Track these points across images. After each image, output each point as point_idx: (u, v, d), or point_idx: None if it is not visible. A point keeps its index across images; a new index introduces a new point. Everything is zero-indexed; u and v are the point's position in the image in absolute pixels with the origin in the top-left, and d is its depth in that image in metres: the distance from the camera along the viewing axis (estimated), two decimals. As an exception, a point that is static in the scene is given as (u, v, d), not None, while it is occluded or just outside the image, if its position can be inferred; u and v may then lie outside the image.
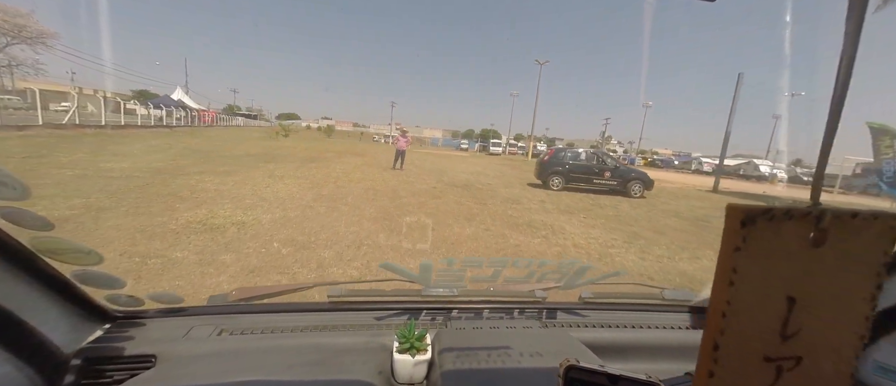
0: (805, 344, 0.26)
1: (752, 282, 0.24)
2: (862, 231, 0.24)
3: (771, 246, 0.24)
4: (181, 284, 2.82)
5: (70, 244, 0.74)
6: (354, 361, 0.81)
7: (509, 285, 1.18)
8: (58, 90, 28.46)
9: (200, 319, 0.98)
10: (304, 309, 1.09)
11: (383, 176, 10.54)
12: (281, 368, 0.77)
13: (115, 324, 0.90)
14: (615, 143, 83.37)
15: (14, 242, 0.66)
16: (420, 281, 1.10)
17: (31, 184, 0.63)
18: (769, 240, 0.24)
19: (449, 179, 10.75)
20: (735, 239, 0.23)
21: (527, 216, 6.60)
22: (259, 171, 9.01)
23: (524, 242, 4.93)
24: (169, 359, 0.82)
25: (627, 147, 74.53)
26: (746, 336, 0.25)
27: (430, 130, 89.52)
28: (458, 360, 0.81)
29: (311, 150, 16.36)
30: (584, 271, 1.15)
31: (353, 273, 3.30)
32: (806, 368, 0.26)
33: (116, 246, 3.39)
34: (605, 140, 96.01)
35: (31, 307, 0.70)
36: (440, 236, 4.81)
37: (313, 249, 3.80)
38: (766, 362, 0.26)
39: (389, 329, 0.97)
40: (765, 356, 0.26)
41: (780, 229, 0.24)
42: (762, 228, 0.23)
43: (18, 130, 12.16)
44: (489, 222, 5.83)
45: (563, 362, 0.47)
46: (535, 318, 1.12)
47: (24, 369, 0.65)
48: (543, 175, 11.30)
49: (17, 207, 0.63)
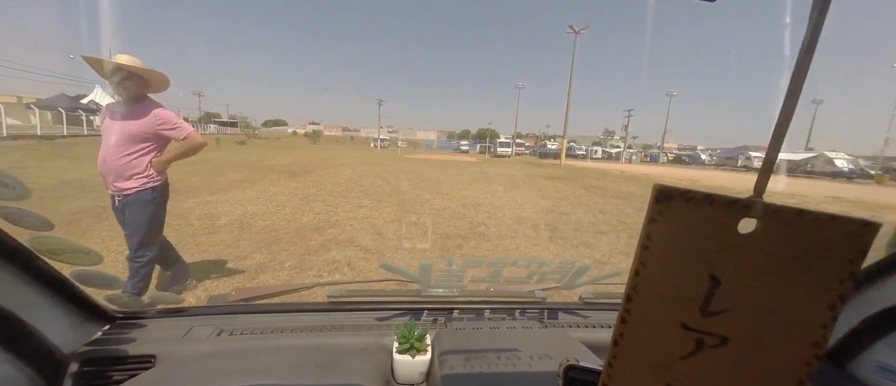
0: (735, 327, 0.27)
1: (666, 250, 0.27)
2: (814, 231, 0.25)
3: (689, 223, 0.26)
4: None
5: (70, 244, 0.73)
6: (354, 362, 0.80)
7: (509, 285, 1.16)
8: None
9: (200, 319, 0.97)
10: (304, 309, 1.08)
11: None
12: (281, 368, 0.77)
13: (115, 324, 0.90)
14: (617, 138, 79.01)
15: (14, 242, 0.66)
16: (420, 281, 1.07)
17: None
18: (687, 217, 0.26)
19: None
20: (652, 212, 0.27)
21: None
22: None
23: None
24: (168, 359, 0.81)
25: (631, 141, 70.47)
26: (660, 297, 0.28)
27: (424, 132, 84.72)
28: (458, 360, 0.81)
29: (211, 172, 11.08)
30: (584, 271, 1.10)
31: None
32: (732, 352, 0.28)
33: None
34: (607, 135, 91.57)
35: (30, 307, 0.70)
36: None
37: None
38: (684, 330, 0.28)
39: (389, 329, 0.96)
40: (682, 323, 0.28)
41: (699, 211, 0.26)
42: (679, 207, 0.26)
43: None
44: None
45: (563, 362, 0.48)
46: (535, 318, 1.10)
47: (23, 370, 0.65)
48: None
49: (16, 207, 0.63)
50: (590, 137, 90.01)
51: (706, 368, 0.29)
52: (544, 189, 9.94)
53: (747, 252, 0.26)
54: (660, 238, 0.27)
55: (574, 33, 28.40)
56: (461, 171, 14.23)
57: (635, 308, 0.29)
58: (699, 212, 0.26)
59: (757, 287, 0.26)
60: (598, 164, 29.40)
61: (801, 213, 0.25)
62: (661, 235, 0.27)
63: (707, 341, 0.28)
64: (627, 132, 54.62)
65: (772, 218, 0.25)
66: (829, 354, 0.86)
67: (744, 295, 0.27)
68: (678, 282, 0.27)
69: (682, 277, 0.27)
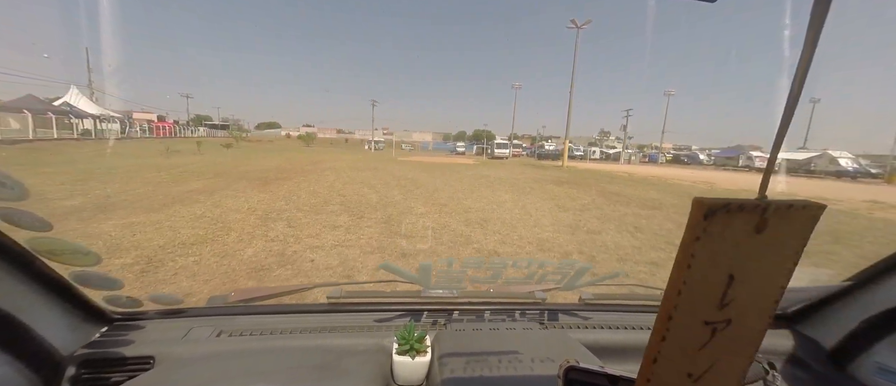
0: (735, 310, 0.30)
1: (704, 264, 0.27)
2: (793, 218, 0.28)
3: (723, 234, 0.27)
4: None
5: (69, 245, 0.72)
6: (354, 363, 0.80)
7: (509, 287, 1.15)
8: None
9: (199, 320, 0.97)
10: (304, 310, 1.07)
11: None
12: (280, 369, 0.77)
13: (114, 325, 0.90)
14: (614, 139, 78.19)
15: (12, 242, 0.66)
16: (420, 282, 1.04)
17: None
18: (722, 229, 0.27)
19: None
20: (696, 229, 0.26)
21: None
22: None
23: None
24: (167, 360, 0.81)
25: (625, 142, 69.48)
26: (694, 308, 0.29)
27: (420, 134, 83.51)
28: (458, 362, 0.81)
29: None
30: (584, 272, 1.07)
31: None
32: (733, 328, 0.30)
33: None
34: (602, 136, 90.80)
35: (29, 309, 0.70)
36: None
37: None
38: (705, 325, 0.30)
39: (389, 330, 0.96)
40: (704, 321, 0.30)
41: (732, 220, 0.26)
42: (720, 219, 0.26)
43: None
44: None
45: (563, 363, 0.48)
46: (535, 319, 1.10)
47: (22, 371, 0.65)
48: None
49: (15, 208, 0.62)
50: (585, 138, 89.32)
51: (715, 348, 0.30)
52: (557, 197, 8.61)
53: (757, 246, 0.27)
54: (702, 255, 0.27)
55: (576, 28, 27.18)
56: (459, 176, 12.87)
57: (674, 326, 0.29)
58: (732, 220, 0.26)
59: (755, 274, 0.29)
60: (598, 165, 28.23)
61: (791, 205, 0.27)
62: (704, 251, 0.27)
63: (718, 328, 0.30)
64: (626, 132, 53.39)
65: (776, 215, 0.27)
66: (830, 355, 0.90)
67: (747, 283, 0.29)
68: (707, 289, 0.28)
69: (712, 284, 0.28)
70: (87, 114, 25.67)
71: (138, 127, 35.54)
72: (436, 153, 42.57)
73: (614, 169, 23.15)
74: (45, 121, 22.46)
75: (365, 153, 31.06)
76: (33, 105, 21.41)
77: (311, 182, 9.03)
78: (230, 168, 11.77)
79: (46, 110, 22.13)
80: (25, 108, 20.44)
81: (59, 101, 25.47)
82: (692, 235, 0.26)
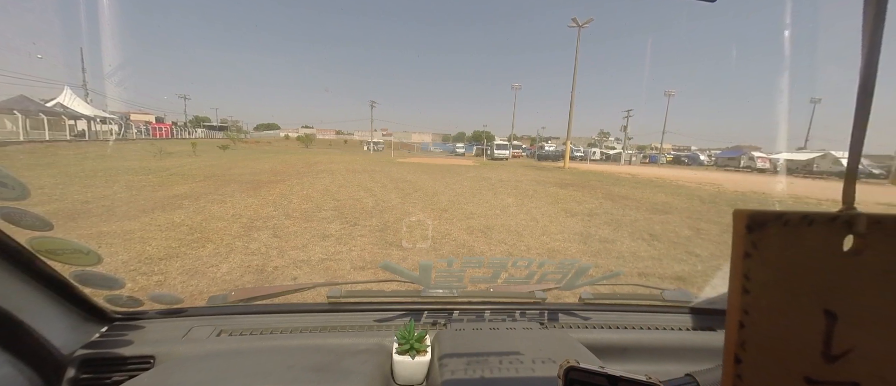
0: (858, 368, 0.23)
1: (772, 291, 0.23)
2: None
3: (790, 253, 0.22)
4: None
5: (69, 244, 0.72)
6: (354, 363, 0.80)
7: (509, 286, 1.14)
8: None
9: (200, 319, 0.96)
10: (304, 310, 1.07)
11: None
12: (280, 369, 0.76)
13: (114, 325, 0.89)
14: (613, 140, 77.79)
15: (13, 242, 0.65)
16: (420, 281, 1.04)
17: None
18: (788, 247, 0.22)
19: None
20: (743, 244, 0.22)
21: None
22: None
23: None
24: (168, 360, 0.80)
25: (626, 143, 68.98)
26: (776, 351, 0.23)
27: (419, 135, 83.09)
28: (458, 362, 0.80)
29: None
30: (584, 272, 1.08)
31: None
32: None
33: None
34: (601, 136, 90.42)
35: (30, 308, 0.69)
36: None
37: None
38: (809, 385, 0.23)
39: (389, 330, 0.96)
40: (806, 378, 0.23)
41: (800, 236, 0.22)
42: (776, 234, 0.22)
43: None
44: None
45: (563, 363, 0.47)
46: (535, 319, 1.09)
47: (23, 370, 0.64)
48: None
49: (16, 207, 0.62)
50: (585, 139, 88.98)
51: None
52: (563, 200, 8.21)
53: (860, 276, 0.22)
54: (760, 277, 0.22)
55: (577, 27, 26.80)
56: (460, 178, 12.46)
57: (747, 370, 0.23)
58: (798, 236, 0.22)
59: (879, 316, 0.22)
60: (599, 167, 27.83)
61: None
62: (762, 272, 0.22)
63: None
64: (626, 133, 52.88)
65: (877, 231, 0.21)
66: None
67: (867, 328, 0.22)
68: (791, 326, 0.23)
69: (793, 320, 0.23)
70: (81, 115, 25.23)
71: (135, 128, 35.19)
72: (435, 154, 42.18)
73: (616, 170, 22.75)
74: (37, 122, 22.04)
75: (364, 154, 30.69)
76: (25, 106, 20.99)
77: (305, 185, 8.62)
78: (223, 170, 11.36)
79: (39, 111, 21.68)
80: (17, 109, 20.04)
81: (52, 103, 25.00)
82: (740, 251, 0.22)
